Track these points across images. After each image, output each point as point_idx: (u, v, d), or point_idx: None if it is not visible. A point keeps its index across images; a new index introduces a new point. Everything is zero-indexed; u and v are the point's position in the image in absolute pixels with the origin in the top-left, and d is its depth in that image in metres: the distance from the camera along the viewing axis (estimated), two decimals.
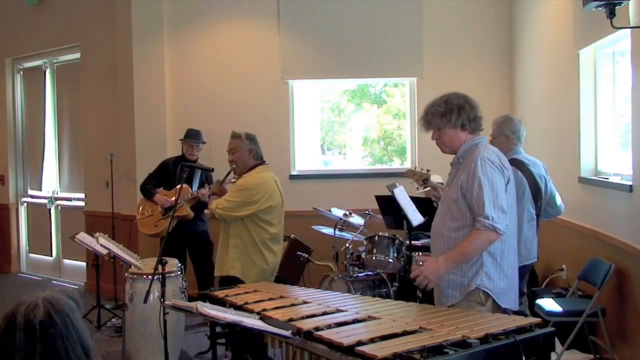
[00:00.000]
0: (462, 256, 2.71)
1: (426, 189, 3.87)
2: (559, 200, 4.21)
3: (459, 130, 2.90)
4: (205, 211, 4.77)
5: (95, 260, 5.31)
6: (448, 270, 2.74)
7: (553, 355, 2.73)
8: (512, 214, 2.88)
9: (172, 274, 4.30)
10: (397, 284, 4.91)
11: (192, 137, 5.53)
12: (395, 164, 6.84)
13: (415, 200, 4.73)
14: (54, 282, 7.40)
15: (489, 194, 2.72)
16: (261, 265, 4.01)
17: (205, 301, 2.84)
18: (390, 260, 4.83)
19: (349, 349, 2.15)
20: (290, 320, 2.55)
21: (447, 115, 2.88)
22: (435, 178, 4.91)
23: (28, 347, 1.42)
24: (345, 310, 2.73)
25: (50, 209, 7.65)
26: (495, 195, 2.72)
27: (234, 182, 4.18)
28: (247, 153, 4.09)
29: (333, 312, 2.72)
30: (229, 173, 4.18)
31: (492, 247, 2.77)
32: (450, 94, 2.96)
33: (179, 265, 4.54)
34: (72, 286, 6.92)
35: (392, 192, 4.55)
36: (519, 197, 3.88)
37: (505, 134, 4.03)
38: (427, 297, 4.01)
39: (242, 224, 3.99)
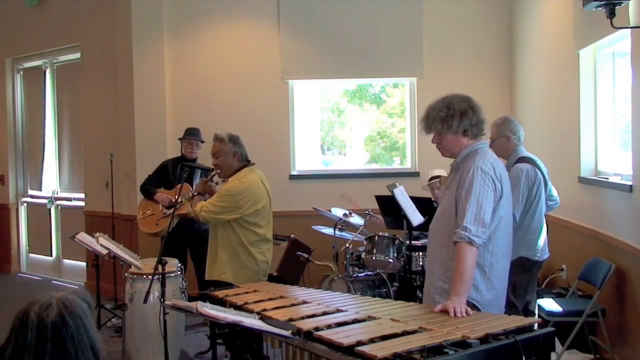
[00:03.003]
0: (464, 280, 2.62)
1: (432, 182, 3.87)
2: (555, 192, 4.22)
3: (460, 136, 2.84)
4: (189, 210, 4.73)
5: (95, 260, 5.30)
6: (465, 297, 2.62)
7: (553, 355, 2.73)
8: (506, 226, 2.85)
9: (172, 274, 4.30)
10: (397, 284, 4.91)
11: (191, 134, 5.55)
12: (395, 164, 6.84)
13: (415, 200, 4.73)
14: (53, 282, 7.40)
15: (472, 206, 2.67)
16: (252, 267, 3.98)
17: (205, 301, 2.83)
18: (390, 260, 4.83)
19: (349, 349, 2.15)
20: (290, 320, 2.54)
21: (448, 121, 2.81)
22: (440, 172, 4.93)
23: (38, 346, 1.42)
24: (345, 310, 2.72)
25: (50, 209, 7.65)
26: (479, 207, 2.67)
27: (222, 182, 4.15)
28: (231, 156, 4.01)
29: (333, 312, 2.71)
30: (214, 174, 4.15)
31: (482, 260, 2.75)
32: (453, 96, 2.87)
33: (179, 265, 4.55)
34: (72, 286, 6.92)
35: (392, 192, 4.55)
36: (538, 193, 3.89)
37: (506, 135, 4.04)
38: None
39: (229, 227, 3.95)
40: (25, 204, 8.00)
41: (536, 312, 4.12)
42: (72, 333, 1.44)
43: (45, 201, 7.67)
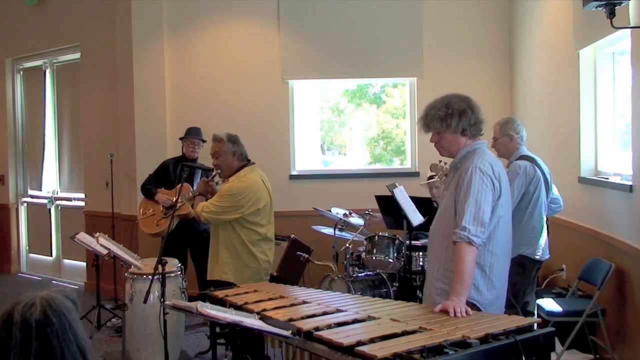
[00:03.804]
0: (464, 281, 2.61)
1: (430, 181, 3.85)
2: (557, 194, 4.23)
3: (459, 136, 2.84)
4: (190, 210, 4.75)
5: (95, 260, 5.30)
6: (465, 297, 2.62)
7: (553, 355, 2.73)
8: (505, 226, 2.85)
9: (172, 274, 4.30)
10: (397, 284, 4.91)
11: (192, 133, 5.56)
12: (395, 164, 6.84)
13: (415, 200, 4.73)
14: (53, 282, 7.40)
15: (471, 206, 2.67)
16: (254, 266, 3.99)
17: (205, 301, 2.83)
18: (390, 260, 4.83)
19: (349, 349, 2.15)
20: (290, 320, 2.54)
21: (447, 120, 2.81)
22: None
23: (24, 345, 1.42)
24: (345, 310, 2.72)
25: (50, 209, 7.65)
26: (478, 207, 2.68)
27: (223, 182, 4.16)
28: (230, 156, 4.03)
29: (333, 312, 2.71)
30: (215, 175, 4.16)
31: (482, 260, 2.75)
32: (452, 96, 2.87)
33: (179, 265, 4.55)
34: (72, 286, 6.92)
35: (392, 192, 4.55)
36: (537, 191, 3.89)
37: (509, 134, 4.07)
38: None
39: (230, 227, 3.96)
40: (25, 204, 7.99)
41: (535, 312, 4.12)
42: (56, 331, 1.45)
43: (45, 201, 7.67)
